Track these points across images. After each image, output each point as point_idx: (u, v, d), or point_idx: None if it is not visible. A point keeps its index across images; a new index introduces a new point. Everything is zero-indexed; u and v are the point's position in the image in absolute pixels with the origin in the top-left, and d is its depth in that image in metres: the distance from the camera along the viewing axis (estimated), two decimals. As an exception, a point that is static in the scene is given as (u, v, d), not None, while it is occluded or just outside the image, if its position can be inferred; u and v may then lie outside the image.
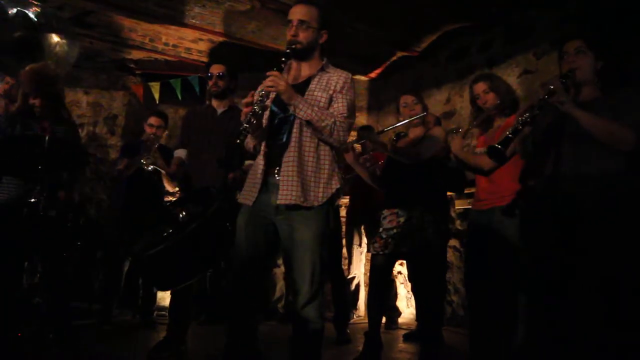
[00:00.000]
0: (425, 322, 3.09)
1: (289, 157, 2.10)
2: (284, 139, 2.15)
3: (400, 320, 4.64)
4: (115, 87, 5.60)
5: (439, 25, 4.58)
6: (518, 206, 2.57)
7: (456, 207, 4.51)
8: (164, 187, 4.27)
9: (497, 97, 2.80)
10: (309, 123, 2.08)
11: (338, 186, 2.19)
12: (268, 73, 2.06)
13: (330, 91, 2.18)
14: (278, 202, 2.07)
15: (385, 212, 3.13)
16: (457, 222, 4.58)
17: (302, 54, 2.22)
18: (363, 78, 5.85)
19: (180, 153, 3.28)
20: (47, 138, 2.93)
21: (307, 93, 2.18)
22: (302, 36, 2.18)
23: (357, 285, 4.92)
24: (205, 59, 5.26)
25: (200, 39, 4.93)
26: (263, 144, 2.21)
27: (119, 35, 4.83)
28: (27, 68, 3.03)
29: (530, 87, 4.09)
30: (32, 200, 2.98)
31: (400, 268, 4.97)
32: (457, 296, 4.48)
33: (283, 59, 2.14)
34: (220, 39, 4.82)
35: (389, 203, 3.16)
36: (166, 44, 5.04)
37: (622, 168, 2.14)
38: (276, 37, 4.80)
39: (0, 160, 2.93)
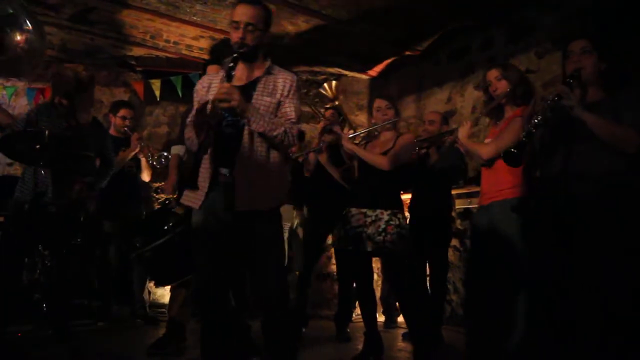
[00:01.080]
0: (416, 323, 3.07)
1: (244, 161, 2.12)
2: (232, 142, 2.16)
3: (399, 319, 4.64)
4: (115, 83, 5.57)
5: (440, 25, 4.58)
6: (528, 204, 2.55)
7: (456, 207, 4.50)
8: (140, 178, 4.30)
9: (508, 85, 2.72)
10: (261, 133, 2.11)
11: (287, 189, 2.26)
12: (221, 86, 2.05)
13: (277, 95, 2.21)
14: (237, 208, 2.08)
15: (353, 211, 3.08)
16: (458, 222, 4.58)
17: (249, 56, 2.23)
18: (364, 77, 5.84)
19: (178, 149, 3.27)
20: (46, 133, 2.94)
21: (254, 97, 2.19)
22: (250, 38, 2.17)
23: (357, 284, 4.91)
24: (206, 56, 5.23)
25: (202, 36, 4.91)
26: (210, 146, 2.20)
27: (120, 32, 4.81)
28: (54, 70, 3.07)
29: (531, 87, 4.08)
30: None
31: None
32: (457, 295, 4.48)
33: (231, 64, 2.12)
34: (222, 36, 4.81)
35: (357, 202, 3.12)
36: (167, 41, 5.02)
37: (622, 168, 2.15)
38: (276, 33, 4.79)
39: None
